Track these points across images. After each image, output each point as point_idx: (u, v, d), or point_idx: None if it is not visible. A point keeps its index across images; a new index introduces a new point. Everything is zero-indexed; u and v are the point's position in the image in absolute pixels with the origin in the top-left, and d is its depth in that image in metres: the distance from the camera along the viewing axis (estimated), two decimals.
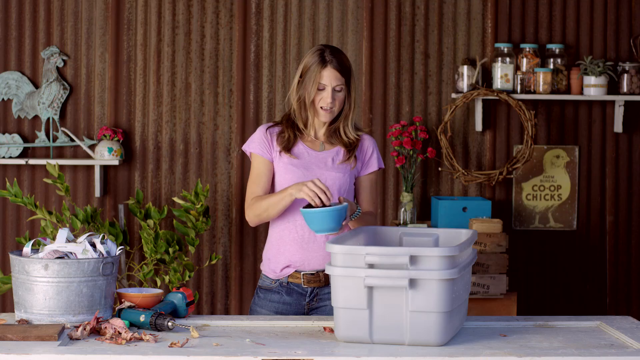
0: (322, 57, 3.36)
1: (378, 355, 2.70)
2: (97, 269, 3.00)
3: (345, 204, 3.20)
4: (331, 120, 3.42)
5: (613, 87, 5.22)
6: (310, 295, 3.43)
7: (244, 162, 5.22)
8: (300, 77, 3.39)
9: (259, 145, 3.43)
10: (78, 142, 5.13)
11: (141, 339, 2.82)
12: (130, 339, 2.81)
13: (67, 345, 2.74)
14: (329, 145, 3.46)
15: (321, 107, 3.37)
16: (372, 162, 3.49)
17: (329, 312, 3.43)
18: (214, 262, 5.00)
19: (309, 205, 3.22)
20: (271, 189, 3.45)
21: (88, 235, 3.11)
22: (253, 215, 3.39)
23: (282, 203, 3.31)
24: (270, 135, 3.44)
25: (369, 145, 3.49)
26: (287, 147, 3.41)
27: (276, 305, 3.44)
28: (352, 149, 3.44)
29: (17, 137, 5.16)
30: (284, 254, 3.42)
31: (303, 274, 3.42)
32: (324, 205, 3.19)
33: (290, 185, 3.31)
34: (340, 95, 3.38)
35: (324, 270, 3.41)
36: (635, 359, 2.70)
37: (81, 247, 3.04)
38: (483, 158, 5.28)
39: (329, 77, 3.35)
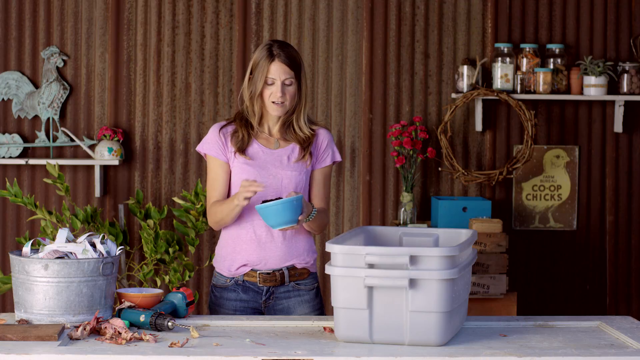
0: (269, 51, 3.35)
1: (378, 355, 2.70)
2: (97, 269, 3.00)
3: (300, 194, 3.20)
4: (283, 114, 3.40)
5: (613, 87, 5.22)
6: (266, 294, 3.42)
7: None
8: (251, 73, 3.38)
9: (214, 146, 3.41)
10: (78, 142, 5.13)
11: (141, 339, 2.82)
12: (130, 339, 2.81)
13: (67, 345, 2.74)
14: (284, 143, 3.44)
15: (272, 102, 3.36)
16: (325, 155, 3.47)
17: (286, 311, 3.42)
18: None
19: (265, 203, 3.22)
20: (229, 190, 3.43)
21: (88, 235, 3.11)
22: (213, 222, 3.42)
23: (233, 214, 3.34)
24: (224, 136, 3.41)
25: (323, 138, 3.46)
26: (242, 148, 3.39)
27: (234, 304, 3.42)
28: (307, 145, 3.43)
29: (17, 137, 5.16)
30: (240, 253, 3.41)
31: (259, 273, 3.40)
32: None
33: (253, 172, 3.33)
34: (290, 90, 3.36)
35: (280, 270, 3.41)
36: (635, 359, 2.70)
37: (81, 247, 3.04)
38: (483, 158, 5.28)
39: (277, 71, 3.34)
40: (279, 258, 3.40)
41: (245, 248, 3.40)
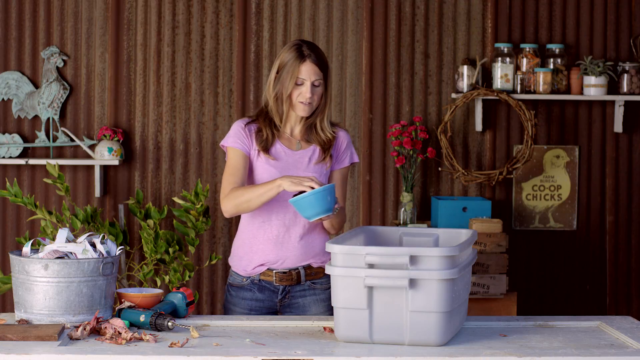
0: (300, 51, 3.35)
1: (378, 355, 2.70)
2: (97, 269, 3.00)
3: (332, 183, 3.18)
4: (309, 115, 3.40)
5: (613, 87, 5.22)
6: (282, 292, 3.43)
7: None
8: (277, 72, 3.38)
9: (238, 139, 3.39)
10: (78, 142, 5.13)
11: (141, 339, 2.82)
12: (130, 339, 2.81)
13: (67, 345, 2.74)
14: (305, 144, 3.44)
15: (300, 102, 3.36)
16: (344, 157, 3.48)
17: (302, 309, 3.43)
18: (214, 262, 5.00)
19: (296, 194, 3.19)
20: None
21: (88, 235, 3.11)
22: (232, 205, 3.33)
23: (269, 194, 3.26)
24: (249, 132, 3.41)
25: (343, 140, 3.48)
26: (266, 148, 3.39)
27: (249, 303, 3.43)
28: (328, 147, 3.44)
29: (17, 137, 5.16)
30: (257, 252, 3.41)
31: (275, 272, 3.41)
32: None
33: (279, 177, 3.27)
34: (318, 91, 3.37)
35: (296, 269, 3.41)
36: (635, 359, 2.70)
37: (81, 247, 3.04)
38: (483, 158, 5.28)
39: (308, 71, 3.34)
40: (296, 258, 3.41)
41: (262, 248, 3.41)
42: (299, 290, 3.44)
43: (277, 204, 3.37)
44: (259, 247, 3.41)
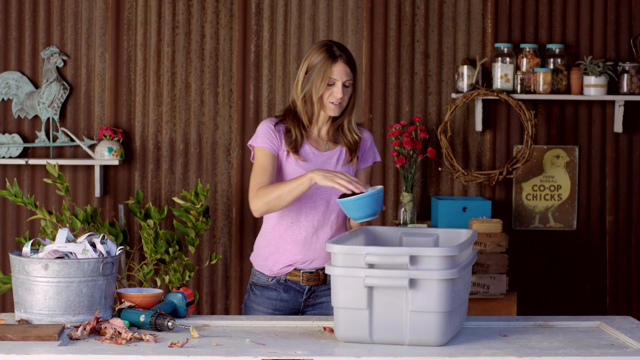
0: (331, 52, 3.34)
1: (378, 355, 2.70)
2: (97, 269, 3.00)
3: (381, 187, 3.14)
4: (338, 115, 3.40)
5: (613, 87, 5.22)
6: (308, 292, 3.43)
7: (244, 162, 5.22)
8: (306, 73, 3.37)
9: (267, 139, 3.36)
10: (78, 142, 5.13)
11: (141, 339, 2.82)
12: (130, 339, 2.81)
13: (67, 345, 2.74)
14: (332, 145, 3.44)
15: (331, 102, 3.35)
16: (368, 156, 3.50)
17: (326, 308, 3.44)
18: (214, 262, 5.00)
19: (343, 196, 3.16)
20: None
21: (88, 235, 3.11)
22: (262, 203, 3.27)
23: (300, 189, 3.21)
24: (278, 132, 3.39)
25: (366, 140, 3.49)
26: (295, 148, 3.37)
27: (274, 303, 3.43)
28: (355, 149, 3.43)
29: (17, 137, 5.16)
30: (284, 253, 3.41)
31: (302, 272, 3.41)
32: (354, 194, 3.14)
33: (308, 171, 3.25)
34: (348, 91, 3.37)
35: (323, 269, 3.41)
36: (635, 359, 2.70)
37: (81, 247, 3.04)
38: (483, 158, 5.28)
39: (340, 72, 3.33)
40: (323, 258, 3.41)
41: (290, 249, 3.40)
42: (323, 290, 3.44)
43: (307, 205, 3.36)
44: (287, 248, 3.40)
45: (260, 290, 3.46)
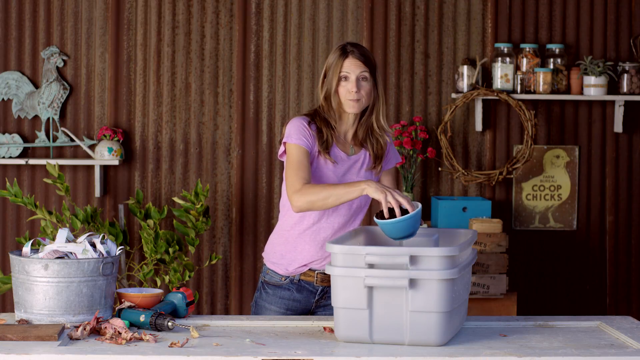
0: (343, 50, 3.35)
1: (378, 355, 2.70)
2: (97, 269, 3.00)
3: (419, 205, 3.08)
4: (359, 112, 3.37)
5: (613, 87, 5.22)
6: (320, 293, 3.43)
7: (244, 162, 5.22)
8: (324, 76, 3.37)
9: (303, 136, 3.33)
10: (78, 142, 5.13)
11: (141, 339, 2.82)
12: (130, 339, 2.81)
13: (67, 345, 2.74)
14: (357, 149, 3.42)
15: (348, 99, 3.32)
16: (390, 158, 3.48)
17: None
18: (214, 262, 5.00)
19: (381, 213, 3.10)
20: None
21: (88, 235, 3.11)
22: (306, 201, 3.22)
23: (349, 196, 3.17)
24: (312, 130, 3.36)
25: (387, 142, 3.46)
26: (327, 149, 3.35)
27: (287, 302, 3.42)
28: (380, 155, 3.41)
29: (17, 137, 5.16)
30: (301, 253, 3.40)
31: (317, 273, 3.41)
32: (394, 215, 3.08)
33: (362, 180, 3.21)
34: (365, 86, 3.33)
35: None
36: (635, 359, 2.70)
37: (81, 247, 3.04)
38: (483, 158, 5.28)
39: (350, 65, 3.32)
40: None
41: (308, 249, 3.39)
42: None
43: (331, 209, 3.35)
44: (304, 248, 3.39)
45: (273, 289, 3.45)
